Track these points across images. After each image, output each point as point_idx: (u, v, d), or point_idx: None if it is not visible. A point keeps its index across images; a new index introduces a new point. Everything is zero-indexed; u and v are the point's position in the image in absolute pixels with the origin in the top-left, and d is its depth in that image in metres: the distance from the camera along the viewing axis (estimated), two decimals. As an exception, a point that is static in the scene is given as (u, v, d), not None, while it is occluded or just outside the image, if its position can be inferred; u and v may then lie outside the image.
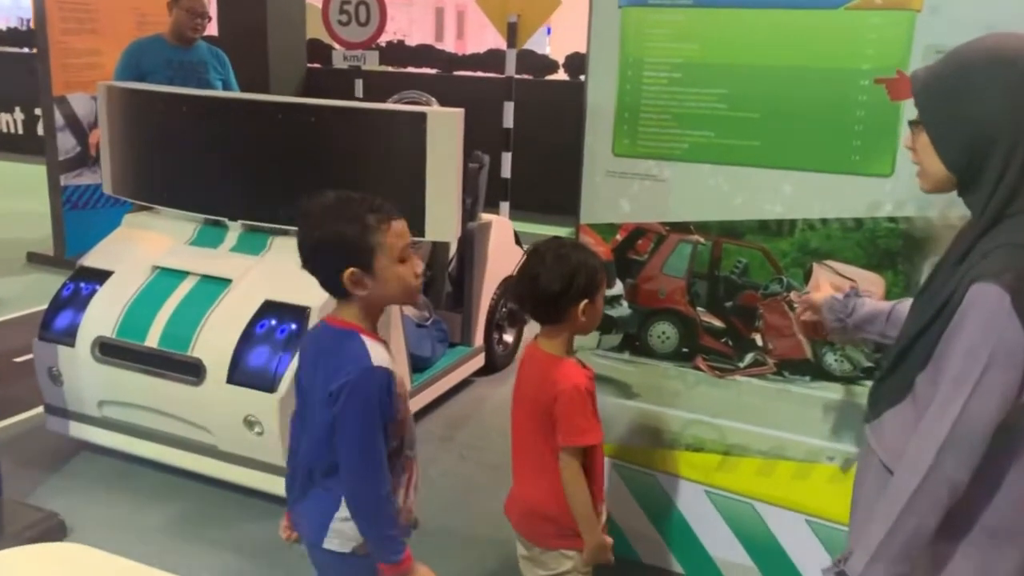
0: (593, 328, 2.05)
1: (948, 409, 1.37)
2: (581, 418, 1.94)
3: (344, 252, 1.70)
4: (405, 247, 1.73)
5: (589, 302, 1.93)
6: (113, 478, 3.25)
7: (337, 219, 1.71)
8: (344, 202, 1.74)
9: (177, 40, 4.72)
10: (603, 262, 2.05)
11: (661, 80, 2.36)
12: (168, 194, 3.55)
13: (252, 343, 2.98)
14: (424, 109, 3.26)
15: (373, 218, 1.68)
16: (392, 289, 1.73)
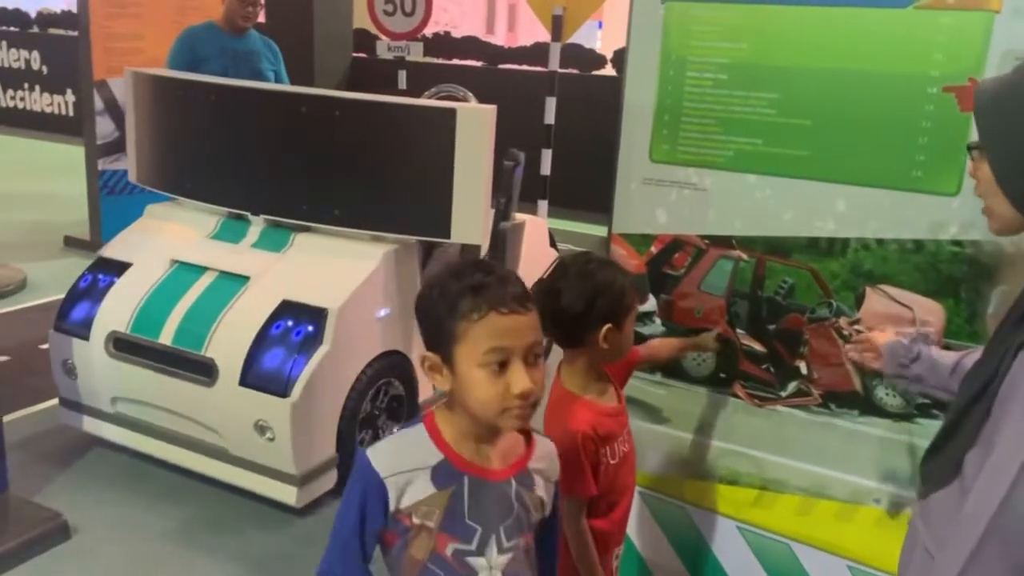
0: (619, 357, 1.86)
1: (994, 491, 1.16)
2: (574, 469, 1.72)
3: (427, 329, 1.37)
4: (499, 350, 1.27)
5: (613, 327, 1.74)
6: (124, 477, 3.16)
7: (435, 285, 1.35)
8: (457, 269, 1.35)
9: (230, 28, 4.59)
10: (635, 281, 1.85)
11: (705, 81, 2.16)
12: (191, 185, 3.45)
13: (267, 344, 2.87)
14: (454, 105, 3.10)
15: (468, 302, 1.28)
16: (469, 399, 1.30)
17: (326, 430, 2.95)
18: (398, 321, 3.21)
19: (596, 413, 1.79)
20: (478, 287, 1.28)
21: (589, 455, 1.76)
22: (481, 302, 1.27)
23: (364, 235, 3.19)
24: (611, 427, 1.81)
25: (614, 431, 1.83)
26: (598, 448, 1.78)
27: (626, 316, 1.77)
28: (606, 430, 1.80)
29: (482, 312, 1.27)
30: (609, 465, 1.82)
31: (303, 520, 2.95)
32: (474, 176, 2.98)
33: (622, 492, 1.89)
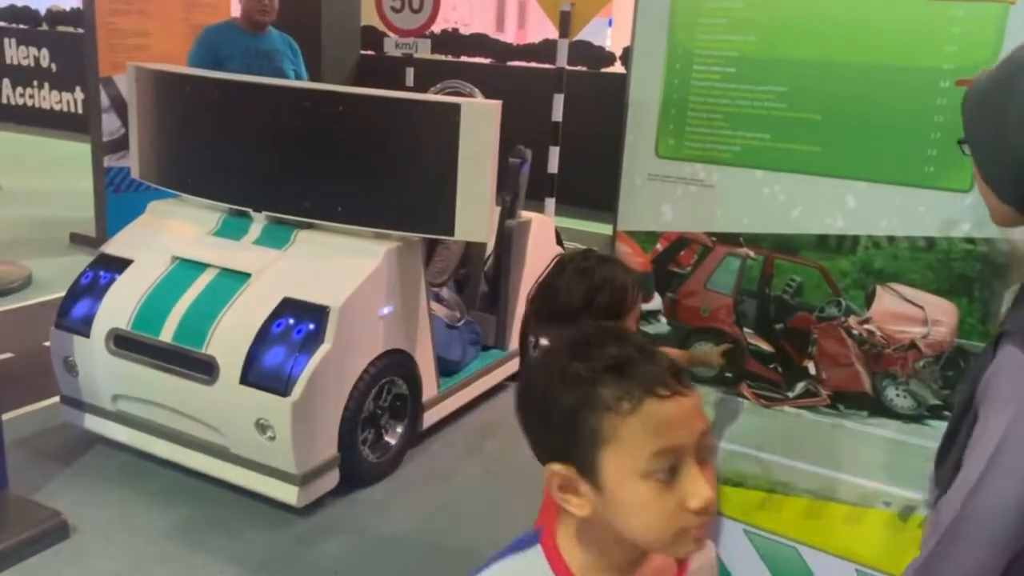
0: None
1: (965, 484, 1.15)
2: None
3: (545, 433, 0.98)
4: (669, 452, 0.91)
5: None
6: (124, 475, 3.14)
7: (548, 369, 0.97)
8: (575, 343, 0.98)
9: (249, 26, 4.52)
10: (637, 279, 1.80)
11: (713, 75, 2.12)
12: (193, 182, 3.42)
13: (268, 343, 2.83)
14: (458, 100, 3.06)
15: (613, 387, 0.92)
16: (628, 524, 0.93)
17: (327, 429, 2.91)
18: (401, 319, 3.18)
19: None
20: (621, 365, 0.92)
21: None
22: (632, 386, 0.91)
23: (366, 232, 3.15)
24: None
25: None
26: None
27: (627, 315, 1.72)
28: None
29: (635, 400, 0.91)
30: None
31: (304, 520, 2.92)
32: (478, 172, 2.94)
33: None
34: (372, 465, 3.15)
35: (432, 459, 3.42)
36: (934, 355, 2.00)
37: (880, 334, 2.06)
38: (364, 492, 3.11)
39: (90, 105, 5.80)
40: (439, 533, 2.92)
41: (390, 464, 3.24)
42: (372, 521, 2.96)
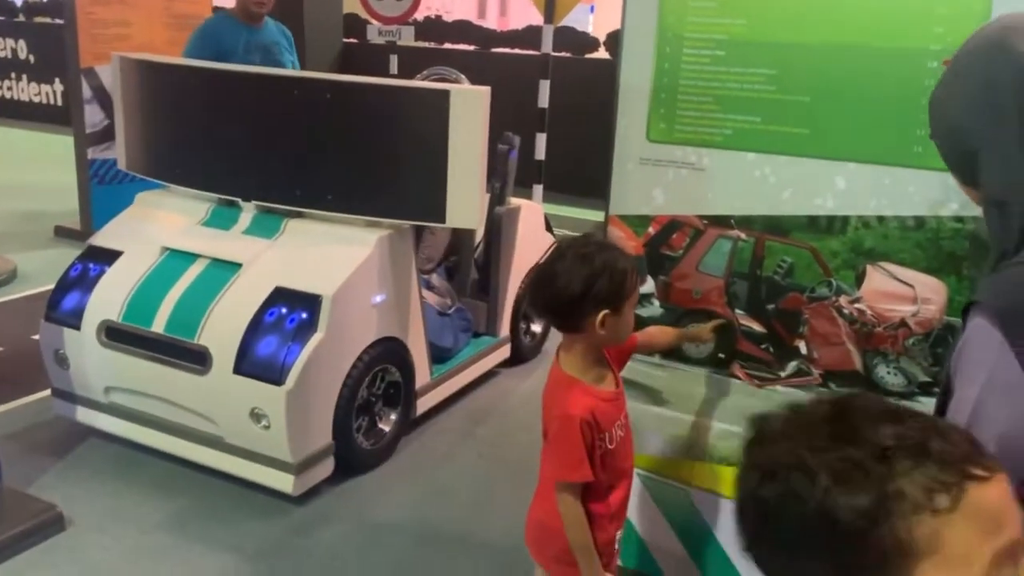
0: (618, 342, 1.84)
1: None
2: (567, 453, 1.72)
3: None
4: (1013, 548, 0.69)
5: (611, 312, 1.71)
6: (118, 467, 3.13)
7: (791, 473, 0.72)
8: (817, 424, 0.74)
9: (246, 18, 4.36)
10: (635, 264, 1.82)
11: (703, 59, 2.13)
12: (181, 172, 3.40)
13: (260, 332, 2.83)
14: (447, 87, 3.06)
15: (917, 482, 0.67)
16: None
17: (322, 417, 2.92)
18: (393, 307, 3.18)
19: (595, 398, 1.77)
20: (917, 444, 0.68)
21: (587, 440, 1.74)
22: (947, 473, 0.67)
23: (357, 220, 3.15)
24: (609, 412, 1.79)
25: (612, 416, 1.80)
26: (595, 434, 1.76)
27: (625, 301, 1.74)
28: (604, 416, 1.77)
29: (956, 490, 0.67)
30: (607, 450, 1.79)
31: (300, 508, 2.93)
32: (469, 159, 2.95)
33: (620, 476, 1.87)
34: (367, 452, 3.16)
35: (426, 445, 3.43)
36: (924, 333, 2.03)
37: (870, 313, 2.08)
38: (359, 479, 3.12)
39: (72, 97, 5.75)
40: (435, 518, 2.94)
41: (385, 451, 3.25)
42: (368, 508, 2.97)
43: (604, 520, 1.83)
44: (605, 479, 1.81)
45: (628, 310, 1.76)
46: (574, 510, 1.76)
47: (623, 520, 1.95)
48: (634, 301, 1.78)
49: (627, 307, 1.75)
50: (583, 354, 1.79)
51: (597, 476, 1.78)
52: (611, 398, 1.82)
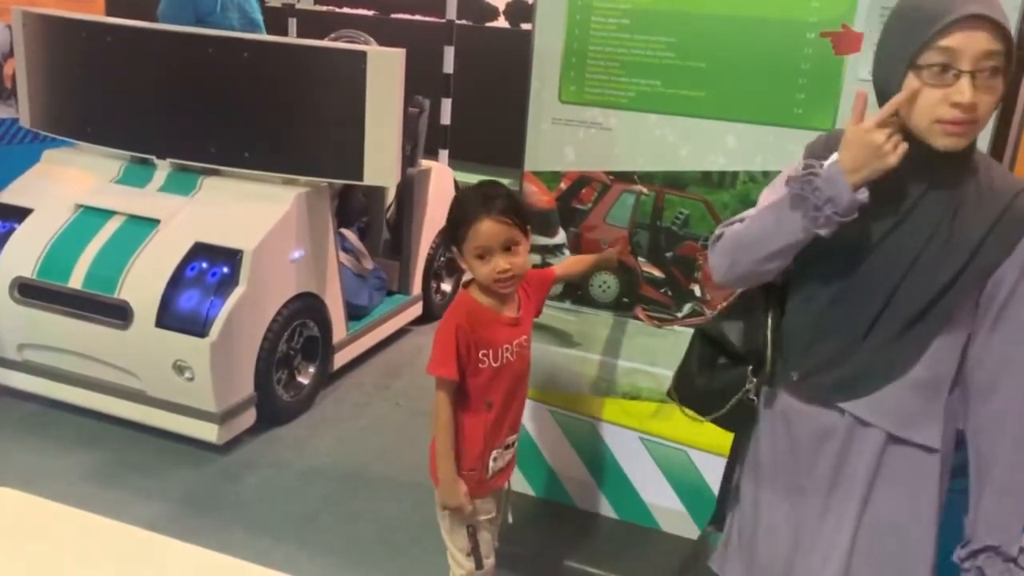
0: (486, 281, 1.91)
1: None
2: (438, 349, 1.91)
3: None
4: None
5: (460, 255, 1.91)
6: (34, 424, 3.14)
7: None
8: None
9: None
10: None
11: (609, 26, 2.32)
12: (92, 129, 3.38)
13: (182, 286, 2.89)
14: (364, 48, 3.16)
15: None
16: None
17: (244, 369, 3.01)
18: (311, 264, 3.28)
19: (477, 309, 1.93)
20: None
21: (458, 342, 1.90)
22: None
23: (275, 178, 3.22)
24: (494, 331, 1.95)
25: (501, 336, 1.95)
26: (471, 341, 1.91)
27: (460, 247, 1.89)
28: (489, 331, 1.93)
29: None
30: (489, 367, 1.95)
31: (224, 457, 3.02)
32: (386, 119, 3.07)
33: (504, 398, 1.99)
34: (287, 404, 3.27)
35: (343, 397, 3.56)
36: (801, 274, 2.30)
37: (756, 258, 2.34)
38: (281, 429, 3.23)
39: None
40: (357, 463, 3.09)
41: (304, 403, 3.37)
42: (291, 455, 3.09)
43: (476, 434, 1.97)
44: (484, 394, 1.96)
45: (469, 259, 1.89)
46: (443, 408, 1.93)
47: (503, 440, 2.05)
48: (473, 251, 1.87)
49: (466, 255, 1.89)
50: (481, 287, 1.96)
51: (473, 386, 1.94)
52: (505, 322, 1.98)
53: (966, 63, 1.32)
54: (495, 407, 1.99)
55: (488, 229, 1.85)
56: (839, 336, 1.50)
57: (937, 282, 1.41)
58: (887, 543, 1.51)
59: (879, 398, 1.48)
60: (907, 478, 1.49)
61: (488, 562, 2.05)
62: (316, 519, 2.75)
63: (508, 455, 2.09)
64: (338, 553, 2.59)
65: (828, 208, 1.36)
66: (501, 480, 2.10)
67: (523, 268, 1.91)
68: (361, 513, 2.81)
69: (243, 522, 2.68)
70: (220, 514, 2.72)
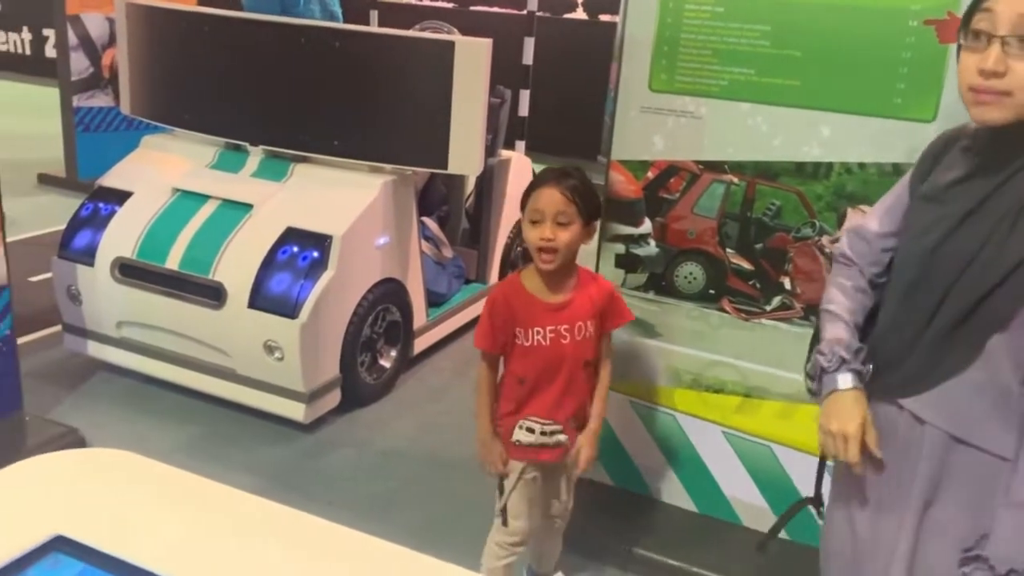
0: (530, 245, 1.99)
1: None
2: (480, 322, 2.06)
3: None
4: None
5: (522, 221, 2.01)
6: (130, 398, 3.28)
7: None
8: None
9: None
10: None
11: (703, 14, 2.31)
12: (189, 116, 3.50)
13: (274, 269, 2.98)
14: (453, 38, 3.21)
15: None
16: None
17: (331, 351, 3.09)
18: (395, 250, 3.34)
19: (518, 289, 2.02)
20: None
21: (494, 318, 2.02)
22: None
23: (362, 166, 3.29)
24: (531, 312, 2.01)
25: (532, 318, 2.01)
26: (506, 316, 2.00)
27: (523, 212, 1.98)
28: (521, 309, 2.01)
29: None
30: (520, 345, 2.02)
31: (309, 435, 3.11)
32: (471, 108, 3.10)
33: (537, 378, 2.05)
34: (370, 386, 3.34)
35: (423, 381, 3.62)
36: (896, 268, 2.25)
37: (849, 251, 2.30)
38: (363, 411, 3.31)
39: (59, 44, 5.72)
40: (436, 445, 3.14)
41: (385, 386, 3.44)
42: (373, 436, 3.16)
43: (508, 397, 2.08)
44: (516, 369, 2.05)
45: (525, 224, 1.98)
46: (481, 375, 2.08)
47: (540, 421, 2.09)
48: (530, 214, 1.96)
49: (524, 220, 1.98)
50: (529, 270, 2.05)
51: (507, 359, 2.06)
52: (546, 307, 2.02)
53: (1002, 27, 1.27)
54: (527, 384, 2.06)
55: (547, 196, 1.93)
56: (904, 332, 1.47)
57: (987, 281, 1.35)
58: (945, 549, 1.46)
59: (935, 396, 1.44)
60: (972, 484, 1.42)
61: (517, 524, 2.15)
62: (396, 498, 2.82)
63: (551, 436, 2.10)
64: (417, 532, 2.64)
65: None
66: (544, 455, 2.13)
67: (567, 245, 1.95)
68: (440, 494, 2.86)
69: (326, 498, 2.75)
70: (304, 490, 2.80)
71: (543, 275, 2.01)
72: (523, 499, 2.15)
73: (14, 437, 2.83)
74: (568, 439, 2.11)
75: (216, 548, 1.22)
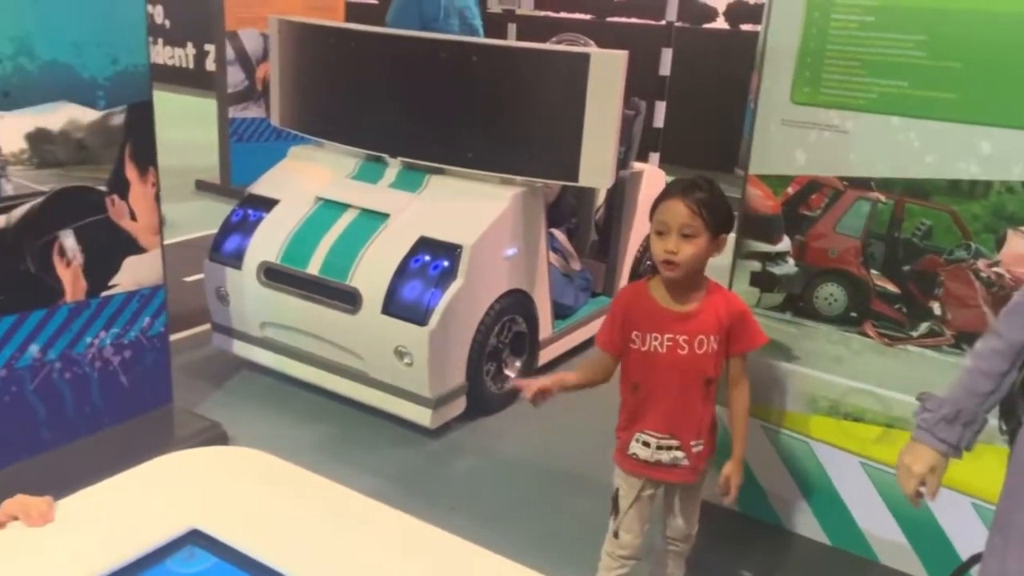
0: (655, 256, 1.98)
1: None
2: (604, 320, 2.10)
3: None
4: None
5: None
6: (270, 396, 3.44)
7: None
8: None
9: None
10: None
11: (851, 24, 2.20)
12: (333, 128, 3.65)
13: (406, 277, 3.06)
14: (588, 50, 3.20)
15: None
16: None
17: (458, 359, 3.14)
18: (523, 261, 3.36)
19: (642, 294, 2.02)
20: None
21: (615, 313, 2.06)
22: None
23: (494, 178, 3.33)
24: (651, 318, 2.00)
25: (655, 324, 1.99)
26: (624, 317, 2.02)
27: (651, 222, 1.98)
28: (643, 316, 2.00)
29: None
30: (637, 349, 2.02)
31: (434, 441, 3.17)
32: (604, 121, 3.08)
33: (650, 387, 2.03)
34: (495, 395, 3.37)
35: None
36: (1064, 297, 2.07)
37: (1009, 276, 2.13)
38: (487, 419, 3.34)
39: (218, 58, 6.10)
40: (560, 458, 3.13)
41: (510, 396, 3.45)
42: (496, 445, 3.18)
43: (624, 406, 2.11)
44: (630, 374, 2.06)
45: (652, 234, 1.97)
46: (595, 359, 2.12)
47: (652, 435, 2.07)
48: (656, 226, 1.95)
49: (652, 231, 1.96)
50: (656, 278, 2.05)
51: (624, 363, 2.06)
52: (667, 315, 2.00)
53: None
54: (640, 391, 2.04)
55: (673, 208, 1.92)
56: None
57: None
58: None
59: None
60: None
61: (627, 538, 2.13)
62: (518, 509, 2.82)
63: (667, 452, 2.06)
64: (537, 545, 2.64)
65: None
66: (663, 474, 2.09)
67: (691, 258, 1.93)
68: (562, 507, 2.84)
69: (449, 505, 2.79)
70: (428, 496, 2.85)
71: (668, 284, 2.00)
72: (637, 516, 2.12)
73: (163, 428, 3.02)
74: (688, 460, 2.05)
75: (342, 553, 1.26)
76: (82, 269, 2.72)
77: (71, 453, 2.75)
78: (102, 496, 1.32)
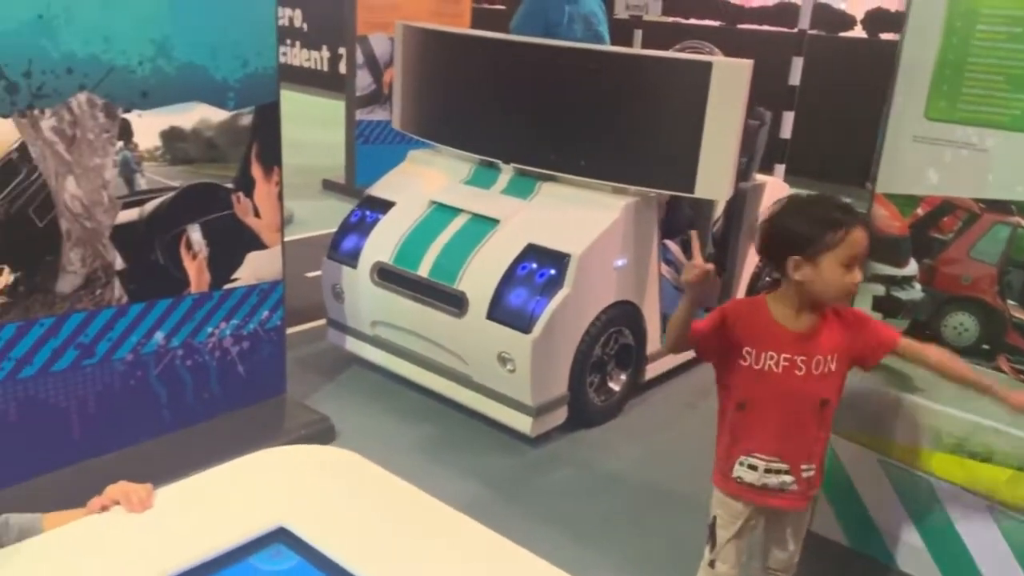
0: (826, 296, 1.84)
1: None
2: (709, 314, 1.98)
3: None
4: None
5: (803, 260, 1.80)
6: (377, 393, 3.51)
7: None
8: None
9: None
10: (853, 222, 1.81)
11: (998, 35, 2.04)
12: (450, 133, 3.70)
13: (513, 283, 3.06)
14: (710, 58, 3.11)
15: None
16: None
17: (561, 368, 3.11)
18: (633, 272, 3.30)
19: (760, 309, 1.91)
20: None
21: (714, 320, 1.93)
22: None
23: (606, 186, 3.28)
24: (768, 334, 1.89)
25: (767, 340, 1.89)
26: (737, 328, 1.91)
27: (820, 252, 1.79)
28: (756, 328, 1.90)
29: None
30: (749, 367, 1.91)
31: (534, 449, 3.15)
32: (724, 131, 2.98)
33: (762, 408, 1.93)
34: (597, 408, 3.32)
35: (652, 410, 3.54)
36: None
37: None
38: (588, 432, 3.30)
39: (349, 62, 6.30)
40: (661, 475, 3.06)
41: (613, 409, 3.40)
42: (596, 458, 3.14)
43: (723, 427, 2.02)
44: (737, 392, 1.95)
45: (828, 264, 1.79)
46: None
47: (752, 448, 1.97)
48: (838, 256, 1.79)
49: (825, 260, 1.79)
50: (784, 294, 1.90)
51: (731, 380, 1.96)
52: (785, 334, 1.88)
53: None
54: (748, 410, 1.94)
55: (861, 239, 1.82)
56: None
57: None
58: None
59: None
60: None
61: (723, 569, 2.04)
62: (613, 523, 2.77)
63: (775, 476, 1.96)
64: (630, 562, 2.59)
65: None
66: (771, 499, 2.00)
67: None
68: (657, 526, 2.77)
69: (545, 515, 2.77)
70: (526, 504, 2.84)
71: (791, 303, 1.89)
72: (735, 548, 2.04)
73: (275, 418, 3.13)
74: (797, 485, 1.96)
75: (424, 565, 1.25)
76: (207, 262, 2.85)
77: (188, 436, 2.89)
78: (199, 487, 1.36)
